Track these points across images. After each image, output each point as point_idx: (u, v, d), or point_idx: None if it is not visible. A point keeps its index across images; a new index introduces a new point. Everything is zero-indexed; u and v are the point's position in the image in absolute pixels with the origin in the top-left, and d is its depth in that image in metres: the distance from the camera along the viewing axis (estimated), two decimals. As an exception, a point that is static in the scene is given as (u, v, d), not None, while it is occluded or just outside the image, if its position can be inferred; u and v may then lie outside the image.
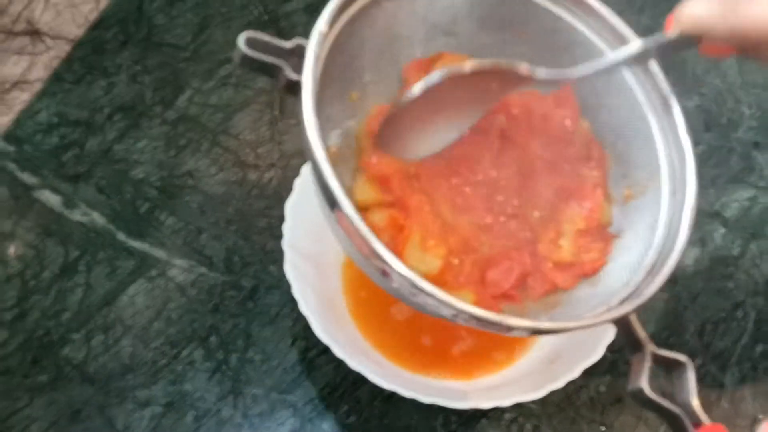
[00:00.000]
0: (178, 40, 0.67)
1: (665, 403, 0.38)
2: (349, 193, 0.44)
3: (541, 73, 0.43)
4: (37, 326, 0.55)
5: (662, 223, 0.44)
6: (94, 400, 0.53)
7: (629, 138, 0.47)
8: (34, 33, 0.68)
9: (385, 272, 0.37)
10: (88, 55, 0.66)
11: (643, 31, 0.44)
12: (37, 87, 0.65)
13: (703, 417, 0.38)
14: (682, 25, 0.39)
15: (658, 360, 0.39)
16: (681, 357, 0.39)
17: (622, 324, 0.40)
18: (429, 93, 0.42)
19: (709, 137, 0.65)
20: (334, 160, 0.44)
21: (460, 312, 0.37)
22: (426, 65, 0.47)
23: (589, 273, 0.45)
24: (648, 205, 0.45)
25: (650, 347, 0.40)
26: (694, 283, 0.59)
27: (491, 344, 0.54)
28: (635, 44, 0.42)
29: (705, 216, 0.62)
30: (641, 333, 0.40)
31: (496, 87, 0.44)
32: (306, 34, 0.68)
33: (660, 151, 0.45)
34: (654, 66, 0.45)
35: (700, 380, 0.54)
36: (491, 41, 0.48)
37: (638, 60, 0.43)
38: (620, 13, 0.74)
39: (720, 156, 0.65)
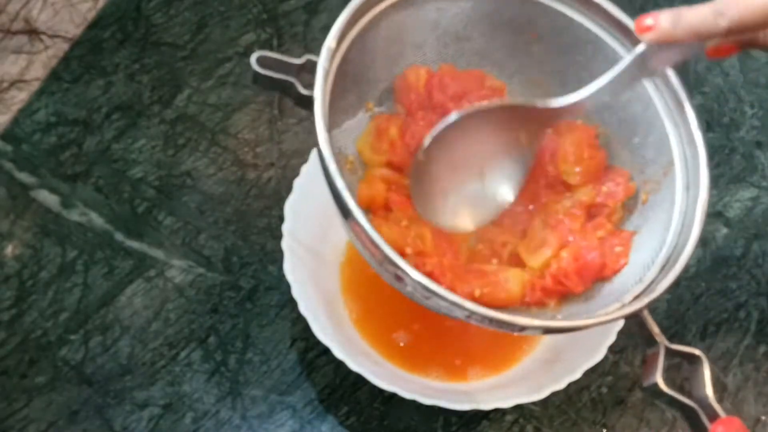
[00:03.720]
0: (176, 39, 0.67)
1: (681, 397, 0.39)
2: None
3: (557, 102, 0.43)
4: (35, 327, 0.55)
5: (676, 219, 0.44)
6: (92, 401, 0.53)
7: (643, 134, 0.47)
8: (32, 32, 0.67)
9: (399, 277, 0.39)
10: (86, 55, 0.66)
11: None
12: (35, 86, 0.64)
13: (719, 410, 0.38)
14: (680, 35, 0.39)
15: (672, 354, 0.40)
16: (695, 351, 0.40)
17: (636, 320, 0.40)
18: (445, 146, 0.43)
19: (711, 137, 0.65)
20: (352, 169, 0.45)
21: (473, 313, 0.38)
22: (415, 80, 0.47)
23: (610, 275, 0.45)
24: (662, 202, 0.45)
25: (664, 342, 0.40)
26: (696, 283, 0.59)
27: (492, 345, 0.54)
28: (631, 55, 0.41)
29: (707, 216, 0.61)
30: (655, 328, 0.41)
31: (524, 136, 0.45)
32: (306, 34, 0.68)
33: (674, 146, 0.45)
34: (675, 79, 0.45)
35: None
36: (503, 44, 0.48)
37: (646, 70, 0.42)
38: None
39: (722, 156, 0.64)
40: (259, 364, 0.54)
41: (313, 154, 0.54)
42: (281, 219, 0.53)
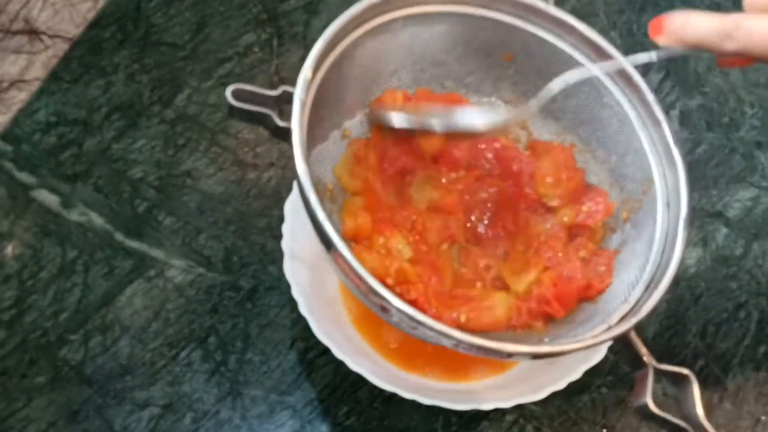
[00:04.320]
0: (176, 39, 0.67)
1: (670, 417, 0.39)
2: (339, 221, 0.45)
3: (533, 106, 0.45)
4: (35, 327, 0.55)
5: (658, 236, 0.44)
6: (92, 401, 0.53)
7: (621, 152, 0.47)
8: (32, 32, 0.67)
9: (384, 308, 0.39)
10: (86, 55, 0.66)
11: (645, 30, 0.44)
12: (35, 86, 0.64)
13: (709, 428, 0.38)
14: (686, 41, 0.39)
15: (661, 374, 0.40)
16: (683, 371, 0.39)
17: (623, 342, 0.40)
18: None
19: (711, 137, 0.65)
20: (332, 197, 0.46)
21: (460, 342, 0.38)
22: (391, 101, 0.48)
23: (594, 295, 0.45)
24: (644, 220, 0.46)
25: (652, 363, 0.40)
26: (696, 283, 0.59)
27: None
28: (642, 56, 0.42)
29: (707, 216, 0.61)
30: (642, 349, 0.40)
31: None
32: (306, 34, 0.68)
33: (652, 164, 0.46)
34: (639, 80, 0.45)
35: (703, 382, 0.54)
36: (478, 67, 0.49)
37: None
38: (621, 12, 0.74)
39: (722, 156, 0.64)
40: (259, 364, 0.54)
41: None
42: (281, 219, 0.53)
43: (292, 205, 0.53)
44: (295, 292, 0.50)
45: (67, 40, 0.67)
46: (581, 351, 0.40)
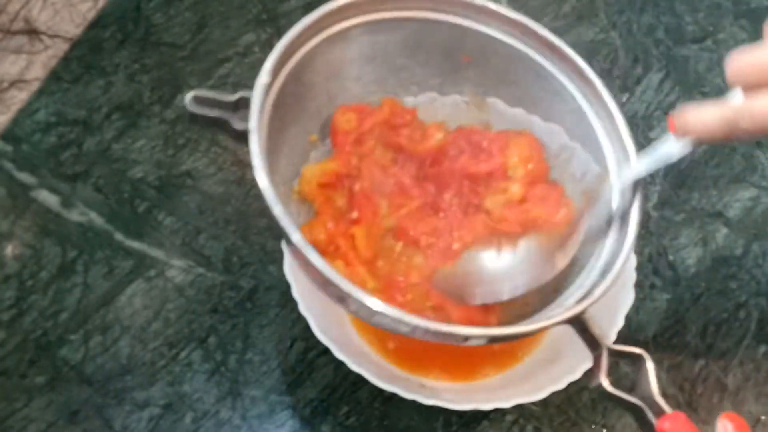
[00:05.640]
0: (176, 39, 0.67)
1: (626, 396, 0.41)
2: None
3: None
4: (35, 327, 0.55)
5: (614, 224, 0.45)
6: (92, 401, 0.52)
7: (581, 142, 0.49)
8: (32, 32, 0.67)
9: (342, 298, 0.40)
10: (86, 55, 0.66)
11: (645, 30, 0.44)
12: (35, 86, 0.64)
13: (665, 406, 0.39)
14: (696, 134, 0.40)
15: (615, 355, 0.41)
16: (636, 350, 0.41)
17: (580, 324, 0.42)
18: None
19: (710, 137, 0.65)
20: (299, 200, 0.47)
21: (415, 328, 0.39)
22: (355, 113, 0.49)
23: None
24: (599, 209, 0.46)
25: (606, 343, 0.42)
26: (696, 283, 0.59)
27: (493, 345, 0.54)
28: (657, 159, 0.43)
29: (707, 216, 0.61)
30: (596, 330, 0.42)
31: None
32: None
33: (607, 154, 0.47)
34: (592, 75, 0.47)
35: (703, 381, 0.54)
36: (440, 70, 0.50)
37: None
38: (621, 12, 0.74)
39: (722, 156, 0.64)
40: (259, 364, 0.54)
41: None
42: (281, 219, 0.53)
43: (292, 205, 0.53)
44: (295, 292, 0.50)
45: (67, 40, 0.67)
46: (537, 332, 0.42)
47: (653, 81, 0.67)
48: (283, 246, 0.52)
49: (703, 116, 0.39)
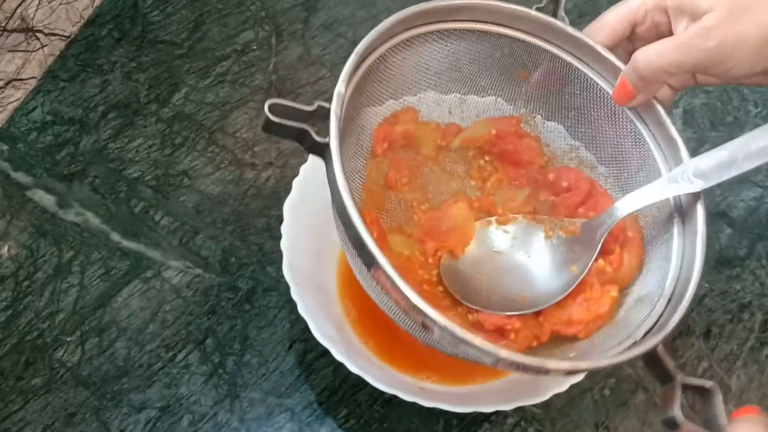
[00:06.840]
0: (173, 37, 0.67)
1: (700, 430, 0.39)
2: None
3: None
4: (31, 328, 0.54)
5: (675, 252, 0.45)
6: (89, 403, 0.52)
7: (634, 168, 0.48)
8: (29, 30, 0.67)
9: (426, 325, 0.38)
10: (83, 53, 0.65)
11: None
12: (31, 85, 0.64)
13: None
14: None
15: (687, 388, 0.40)
16: (707, 384, 0.40)
17: (650, 357, 0.41)
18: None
19: (714, 136, 0.64)
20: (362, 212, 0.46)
21: (500, 359, 0.38)
22: (390, 127, 0.49)
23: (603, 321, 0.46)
24: (658, 237, 0.46)
25: (680, 377, 0.40)
26: (699, 284, 0.58)
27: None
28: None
29: (711, 216, 0.60)
30: (670, 363, 0.41)
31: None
32: (305, 31, 0.68)
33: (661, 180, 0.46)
34: (660, 110, 0.46)
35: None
36: (492, 82, 0.51)
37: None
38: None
39: (725, 155, 0.64)
40: (257, 366, 0.54)
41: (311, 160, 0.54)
42: (280, 219, 0.53)
43: (290, 205, 0.53)
44: (294, 294, 0.49)
45: (63, 38, 0.66)
46: (616, 366, 0.40)
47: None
48: (282, 246, 0.52)
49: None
